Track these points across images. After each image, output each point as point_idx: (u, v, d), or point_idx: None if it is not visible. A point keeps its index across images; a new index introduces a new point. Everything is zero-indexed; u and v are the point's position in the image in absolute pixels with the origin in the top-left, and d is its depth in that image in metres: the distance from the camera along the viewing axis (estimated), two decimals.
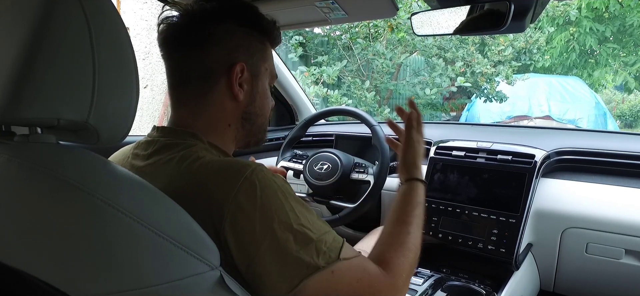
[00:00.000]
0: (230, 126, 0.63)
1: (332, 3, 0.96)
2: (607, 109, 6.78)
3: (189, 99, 0.61)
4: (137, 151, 0.61)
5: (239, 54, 0.61)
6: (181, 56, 0.61)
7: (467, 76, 4.67)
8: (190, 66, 0.60)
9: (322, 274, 0.49)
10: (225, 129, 0.63)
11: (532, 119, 6.36)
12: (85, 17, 0.40)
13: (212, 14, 0.60)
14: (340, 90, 4.66)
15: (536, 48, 5.32)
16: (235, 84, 0.60)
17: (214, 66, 0.60)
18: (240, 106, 0.63)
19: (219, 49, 0.60)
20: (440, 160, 1.26)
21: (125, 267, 0.38)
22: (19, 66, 0.37)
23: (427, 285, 1.03)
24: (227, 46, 0.60)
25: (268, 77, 0.67)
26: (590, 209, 1.07)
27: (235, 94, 0.61)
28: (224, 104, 0.61)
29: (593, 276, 1.10)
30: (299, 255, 0.49)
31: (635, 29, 7.23)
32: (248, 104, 0.64)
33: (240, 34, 0.61)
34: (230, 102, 0.62)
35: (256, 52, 0.63)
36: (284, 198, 0.51)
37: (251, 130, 0.66)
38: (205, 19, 0.60)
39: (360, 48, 4.62)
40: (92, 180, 0.39)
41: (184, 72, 0.61)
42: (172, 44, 0.61)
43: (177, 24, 0.61)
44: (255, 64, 0.63)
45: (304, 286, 0.48)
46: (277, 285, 0.48)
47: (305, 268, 0.49)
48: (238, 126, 0.64)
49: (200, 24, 0.60)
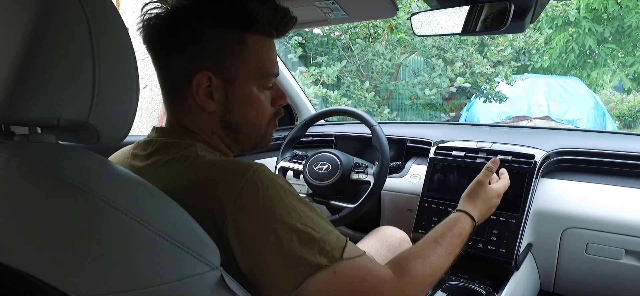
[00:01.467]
0: (213, 134, 0.60)
1: (332, 3, 0.96)
2: (606, 110, 6.79)
3: (173, 102, 0.60)
4: (137, 151, 0.60)
5: (203, 61, 0.54)
6: (154, 60, 0.59)
7: (467, 76, 4.67)
8: (160, 71, 0.59)
9: (325, 273, 0.49)
10: (211, 136, 0.60)
11: (532, 119, 6.36)
12: (85, 16, 0.39)
13: (181, 16, 0.54)
14: (340, 90, 4.66)
15: (535, 48, 5.33)
16: (197, 95, 0.55)
17: (176, 75, 0.56)
18: (216, 116, 0.58)
19: (181, 57, 0.55)
20: (440, 160, 1.26)
21: (125, 267, 0.38)
22: (18, 66, 0.37)
23: None
24: (189, 53, 0.54)
25: (256, 79, 0.58)
26: (590, 210, 1.07)
27: (200, 105, 0.56)
28: (197, 114, 0.57)
29: (593, 276, 1.10)
30: (302, 254, 0.48)
31: (634, 30, 7.25)
32: (224, 114, 0.58)
33: (208, 37, 0.54)
34: (201, 113, 0.57)
35: (230, 55, 0.55)
36: (287, 197, 0.51)
37: (237, 138, 0.61)
38: (173, 22, 0.55)
39: (360, 48, 4.62)
40: (92, 180, 0.39)
41: (159, 76, 0.60)
42: (149, 46, 0.58)
43: (151, 24, 0.56)
44: (229, 68, 0.56)
45: (307, 285, 0.48)
46: (280, 284, 0.48)
47: (308, 267, 0.48)
48: (221, 135, 0.60)
49: (168, 28, 0.55)
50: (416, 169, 1.35)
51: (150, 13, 0.56)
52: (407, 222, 1.24)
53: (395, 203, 1.35)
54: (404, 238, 1.07)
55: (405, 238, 1.07)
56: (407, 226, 1.19)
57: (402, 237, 1.07)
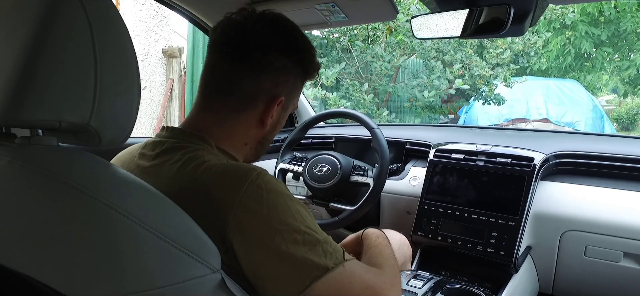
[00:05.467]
0: (246, 145, 0.65)
1: (332, 6, 0.97)
2: (604, 112, 6.81)
3: (221, 108, 0.61)
4: (144, 151, 0.60)
5: (284, 89, 0.63)
6: (231, 65, 0.60)
7: (465, 79, 4.68)
8: (236, 79, 0.60)
9: (333, 275, 0.50)
10: (241, 147, 0.64)
11: (530, 121, 6.38)
12: (87, 19, 0.39)
13: (280, 44, 0.61)
14: (339, 92, 4.66)
15: (534, 51, 5.34)
16: (269, 114, 0.62)
17: (260, 92, 0.61)
18: (262, 133, 0.65)
19: (271, 79, 0.61)
20: (439, 163, 1.26)
21: (127, 270, 0.38)
22: (20, 68, 0.37)
23: (426, 288, 1.03)
24: (279, 79, 0.62)
25: (292, 110, 0.69)
26: (589, 212, 1.07)
27: (265, 123, 0.63)
28: (249, 127, 0.63)
29: (592, 278, 1.11)
30: (307, 256, 0.49)
31: (629, 33, 7.28)
32: (269, 132, 0.66)
33: (294, 72, 0.63)
34: (255, 128, 0.63)
35: (296, 90, 0.66)
36: (290, 201, 0.51)
37: (259, 152, 0.68)
38: (271, 44, 0.60)
39: (359, 50, 4.63)
40: (94, 183, 0.39)
41: (226, 81, 0.60)
42: (228, 47, 0.60)
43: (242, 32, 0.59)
44: (291, 99, 0.66)
45: (314, 287, 0.48)
46: (285, 287, 0.48)
47: (315, 269, 0.49)
48: (252, 147, 0.66)
49: (265, 47, 0.60)
50: (416, 172, 1.35)
51: (250, 17, 0.60)
52: (407, 224, 1.24)
53: (394, 206, 1.35)
54: (404, 241, 1.07)
55: (405, 240, 1.07)
56: (406, 229, 1.19)
57: (402, 240, 1.07)
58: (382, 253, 0.68)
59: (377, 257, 0.66)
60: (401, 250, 1.03)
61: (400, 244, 1.05)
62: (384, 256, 0.67)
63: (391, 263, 0.65)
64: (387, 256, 0.67)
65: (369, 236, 0.75)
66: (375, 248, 0.70)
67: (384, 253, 0.68)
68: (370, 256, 0.68)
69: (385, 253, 0.68)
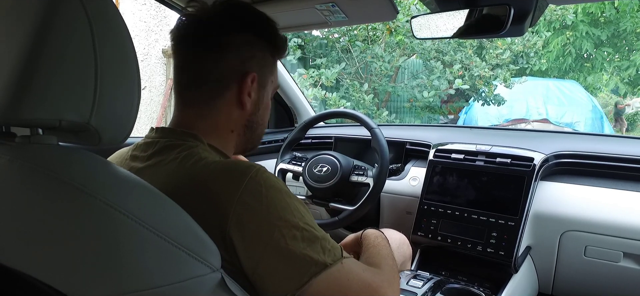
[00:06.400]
0: (232, 132, 0.65)
1: (332, 6, 0.97)
2: (604, 113, 6.81)
3: (197, 100, 0.61)
4: (136, 153, 0.60)
5: (253, 65, 0.63)
6: (195, 56, 0.61)
7: (465, 79, 4.68)
8: (203, 67, 0.61)
9: (331, 272, 0.50)
10: (228, 135, 0.64)
11: (530, 122, 6.37)
12: (87, 18, 0.39)
13: (235, 22, 0.61)
14: (339, 92, 4.66)
15: (533, 52, 5.34)
16: (244, 93, 0.62)
17: (228, 72, 0.61)
18: (245, 115, 0.64)
19: (235, 57, 0.61)
20: (439, 163, 1.26)
21: (127, 269, 0.38)
22: (20, 67, 0.37)
23: (426, 288, 1.03)
24: (244, 55, 0.62)
25: (272, 89, 0.70)
26: (588, 213, 1.08)
27: (243, 102, 0.62)
28: (230, 111, 0.63)
29: (591, 279, 1.11)
30: (306, 252, 0.49)
31: (629, 34, 7.28)
32: (252, 113, 0.65)
33: (258, 46, 0.64)
34: (236, 110, 0.63)
35: (267, 65, 0.66)
36: (289, 197, 0.52)
37: (251, 138, 0.68)
38: (226, 25, 0.61)
39: (359, 51, 4.63)
40: (94, 182, 0.39)
41: (195, 73, 0.61)
42: (188, 42, 0.61)
43: (197, 23, 0.61)
44: (265, 75, 0.66)
45: (313, 284, 0.49)
46: (284, 283, 0.48)
47: (313, 266, 0.49)
48: (240, 133, 0.66)
49: (221, 28, 0.61)
50: (415, 172, 1.35)
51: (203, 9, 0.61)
52: (407, 224, 1.24)
53: (394, 205, 1.35)
54: (403, 241, 1.07)
55: (405, 240, 1.07)
56: (406, 229, 1.19)
57: (402, 239, 1.07)
58: (380, 252, 0.68)
59: (375, 256, 0.66)
60: (401, 249, 1.03)
61: (400, 244, 1.05)
62: (382, 255, 0.67)
63: (389, 263, 0.65)
64: (386, 256, 0.67)
65: (368, 237, 0.75)
66: (374, 248, 0.70)
67: (382, 252, 0.68)
68: (369, 255, 0.68)
69: (384, 253, 0.68)
